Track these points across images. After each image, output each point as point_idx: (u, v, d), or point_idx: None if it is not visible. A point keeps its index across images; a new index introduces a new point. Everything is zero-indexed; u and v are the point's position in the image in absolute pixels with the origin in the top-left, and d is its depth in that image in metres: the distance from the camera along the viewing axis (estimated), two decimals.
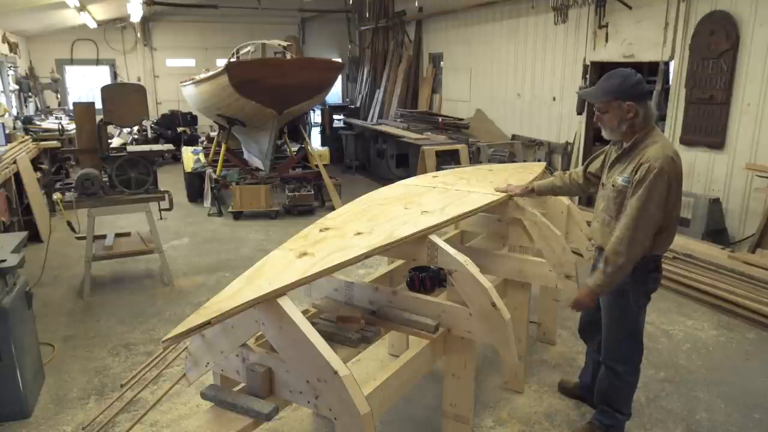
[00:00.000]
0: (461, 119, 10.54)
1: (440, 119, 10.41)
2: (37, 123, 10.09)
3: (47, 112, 11.79)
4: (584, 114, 7.86)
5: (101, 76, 14.14)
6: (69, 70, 14.06)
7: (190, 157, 9.16)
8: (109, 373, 3.83)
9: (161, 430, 3.22)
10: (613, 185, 2.75)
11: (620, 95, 2.63)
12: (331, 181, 8.61)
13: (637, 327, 2.92)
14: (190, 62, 14.69)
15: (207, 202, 8.64)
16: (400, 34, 13.09)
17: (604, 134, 2.80)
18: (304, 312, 2.79)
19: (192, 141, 12.08)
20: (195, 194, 8.97)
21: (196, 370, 2.28)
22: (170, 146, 6.47)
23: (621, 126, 2.67)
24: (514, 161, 7.79)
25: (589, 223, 3.18)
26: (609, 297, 2.85)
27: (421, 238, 2.66)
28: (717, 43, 5.96)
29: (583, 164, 3.25)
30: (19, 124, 9.22)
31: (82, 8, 10.02)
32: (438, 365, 2.93)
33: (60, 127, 9.13)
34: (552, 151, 8.67)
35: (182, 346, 3.15)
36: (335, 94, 15.38)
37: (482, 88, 10.55)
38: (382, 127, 10.76)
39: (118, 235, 5.78)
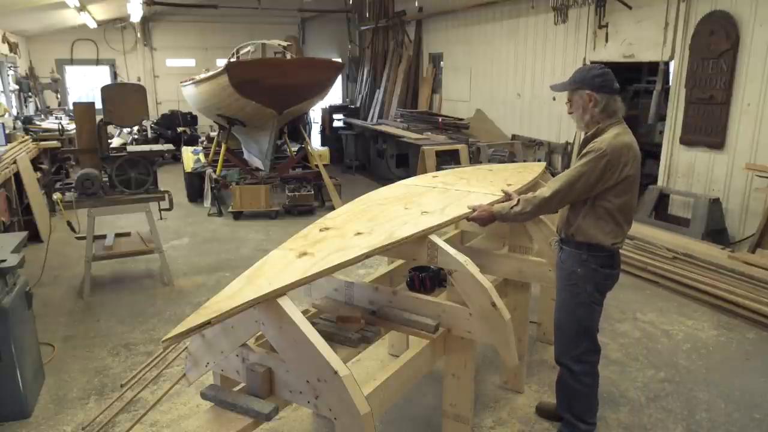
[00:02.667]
0: (461, 119, 10.53)
1: (440, 119, 10.41)
2: (37, 123, 10.09)
3: (47, 112, 11.78)
4: None
5: (101, 76, 14.14)
6: (69, 70, 14.06)
7: (190, 157, 9.16)
8: (109, 373, 3.83)
9: (161, 430, 3.22)
10: None
11: (582, 84, 2.74)
12: (331, 181, 8.61)
13: (591, 324, 2.92)
14: (190, 62, 14.69)
15: (207, 202, 8.64)
16: (400, 34, 13.08)
17: (576, 126, 2.93)
18: (304, 312, 2.79)
19: (192, 141, 12.08)
20: (195, 194, 8.97)
21: (196, 370, 2.28)
22: (170, 146, 6.47)
23: (585, 115, 2.75)
24: (514, 161, 7.79)
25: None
26: (562, 291, 2.91)
27: (421, 238, 2.66)
28: (717, 43, 5.96)
29: None
30: (19, 124, 9.22)
31: (82, 8, 10.02)
32: (438, 365, 2.93)
33: (60, 127, 9.13)
34: (552, 151, 8.67)
35: (182, 346, 3.15)
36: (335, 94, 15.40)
37: (482, 88, 10.55)
38: (382, 127, 10.76)
39: (118, 235, 5.78)
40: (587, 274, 2.80)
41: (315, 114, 14.53)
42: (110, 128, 6.33)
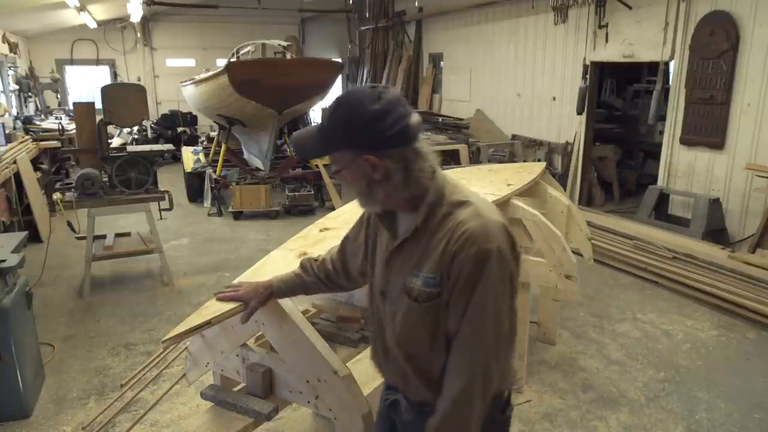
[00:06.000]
0: (461, 119, 10.54)
1: (440, 119, 10.41)
2: (37, 123, 10.08)
3: (47, 112, 11.78)
4: (584, 114, 7.86)
5: (101, 76, 14.14)
6: (69, 70, 14.06)
7: (190, 157, 9.16)
8: (109, 373, 3.83)
9: (161, 430, 3.22)
10: (405, 291, 1.50)
11: (351, 144, 1.42)
12: (331, 181, 8.61)
13: None
14: (190, 62, 14.69)
15: (207, 202, 8.64)
16: (400, 34, 13.10)
17: (360, 204, 1.56)
18: (304, 312, 2.79)
19: (192, 141, 12.08)
20: (195, 194, 8.97)
21: (196, 370, 2.28)
22: (170, 146, 6.48)
23: (375, 191, 1.47)
24: (514, 161, 7.80)
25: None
26: None
27: None
28: (717, 43, 5.96)
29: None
30: (19, 124, 9.22)
31: (82, 8, 10.02)
32: None
33: (60, 127, 9.13)
34: (552, 151, 8.67)
35: (182, 346, 3.15)
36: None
37: (482, 88, 10.55)
38: None
39: (118, 235, 5.78)
40: None
41: (315, 114, 14.52)
42: (110, 128, 6.32)
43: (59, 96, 12.54)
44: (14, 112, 10.45)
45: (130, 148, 5.55)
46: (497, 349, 1.44)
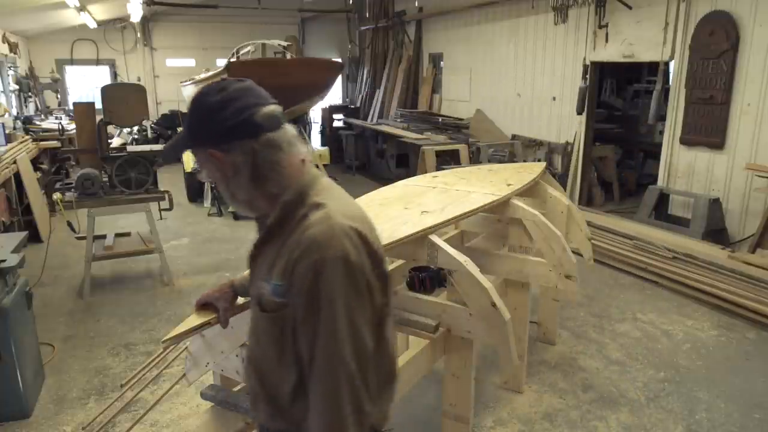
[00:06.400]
0: (461, 119, 10.53)
1: (440, 119, 10.41)
2: (37, 123, 10.08)
3: (47, 112, 11.78)
4: (584, 114, 7.86)
5: (101, 76, 14.14)
6: (69, 70, 14.06)
7: (190, 156, 9.15)
8: (109, 373, 3.83)
9: (161, 430, 3.22)
10: (257, 299, 1.39)
11: (195, 139, 1.38)
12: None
13: None
14: (190, 62, 14.69)
15: (207, 202, 8.64)
16: (400, 34, 13.09)
17: (234, 208, 1.58)
18: None
19: None
20: (195, 194, 8.97)
21: (196, 370, 2.27)
22: None
23: (234, 191, 1.40)
24: (514, 161, 7.79)
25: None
26: None
27: (421, 238, 2.66)
28: (717, 43, 5.96)
29: None
30: (19, 124, 9.21)
31: (82, 8, 10.02)
32: (438, 365, 2.93)
33: (60, 127, 9.12)
34: (552, 151, 8.67)
35: (182, 346, 3.15)
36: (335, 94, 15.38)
37: (482, 88, 10.54)
38: (382, 127, 10.76)
39: (118, 235, 5.78)
40: None
41: (315, 114, 14.52)
42: (110, 128, 6.32)
43: (59, 96, 12.53)
44: (14, 112, 10.45)
45: (130, 148, 5.55)
46: (361, 369, 1.26)
